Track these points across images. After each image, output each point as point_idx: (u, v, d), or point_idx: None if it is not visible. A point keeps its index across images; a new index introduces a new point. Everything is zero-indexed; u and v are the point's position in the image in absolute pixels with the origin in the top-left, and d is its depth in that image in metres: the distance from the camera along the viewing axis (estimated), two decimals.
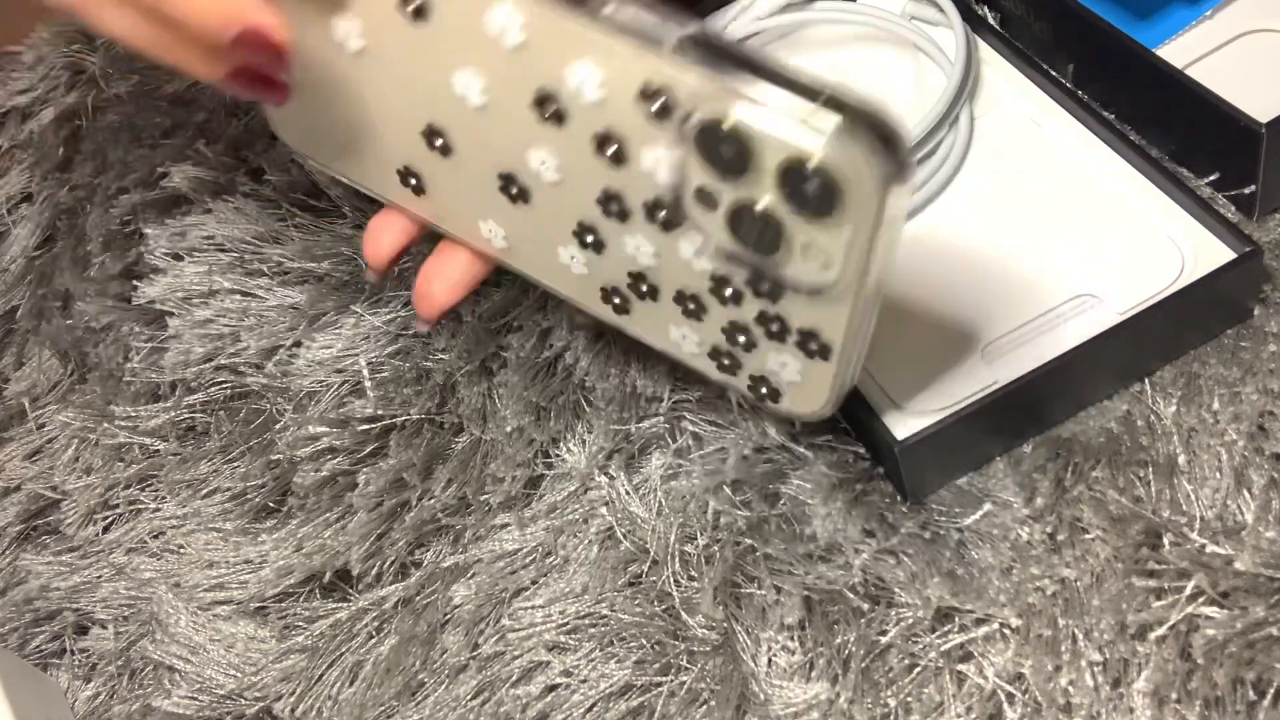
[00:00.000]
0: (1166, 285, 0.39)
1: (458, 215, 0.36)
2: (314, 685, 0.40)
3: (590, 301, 0.35)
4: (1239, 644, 0.33)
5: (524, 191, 0.34)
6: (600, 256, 0.34)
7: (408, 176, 0.35)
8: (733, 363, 0.34)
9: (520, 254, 0.35)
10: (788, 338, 0.32)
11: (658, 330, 0.34)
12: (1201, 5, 0.45)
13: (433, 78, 0.33)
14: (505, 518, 0.42)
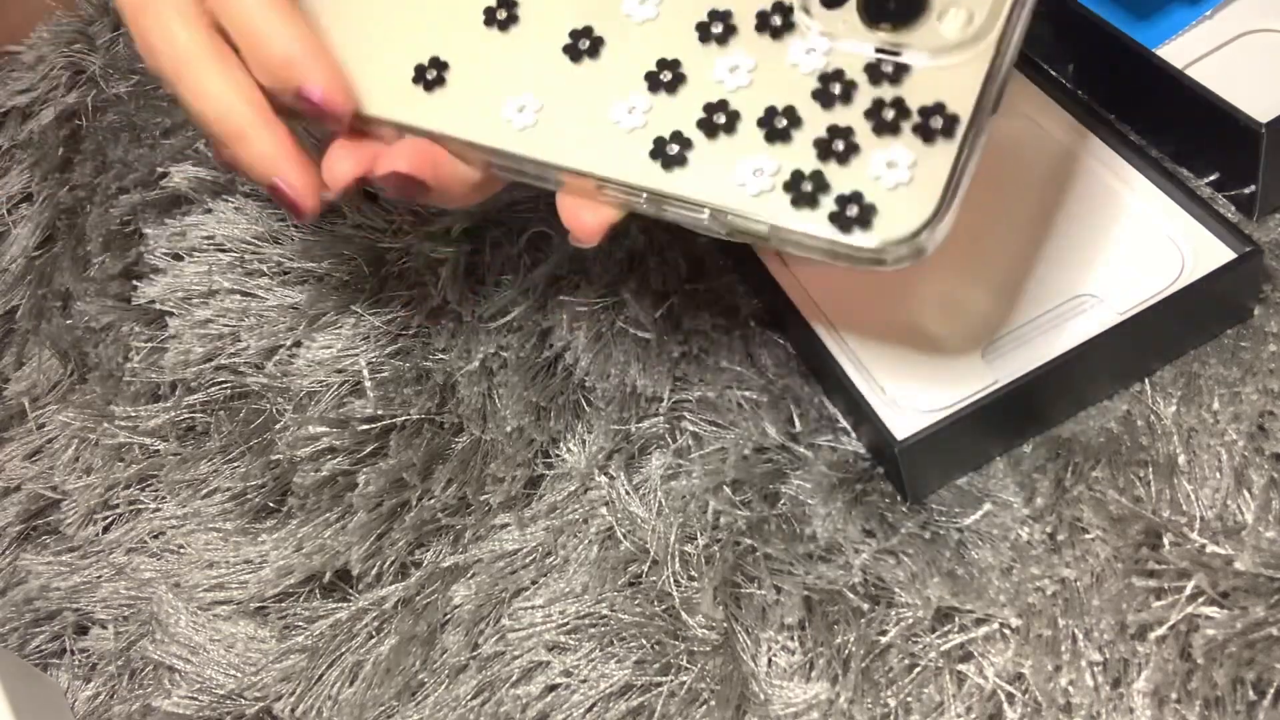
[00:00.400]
0: (1166, 285, 0.39)
1: (474, 103, 0.34)
2: (314, 685, 0.40)
3: (626, 167, 0.32)
4: (1239, 644, 0.33)
5: (596, 44, 0.34)
6: (673, 96, 0.33)
7: (428, 69, 0.35)
8: (817, 187, 0.30)
9: (546, 130, 0.33)
10: (903, 124, 0.30)
11: (718, 176, 0.31)
12: (1201, 5, 0.45)
13: None
14: (505, 518, 0.42)
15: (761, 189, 0.31)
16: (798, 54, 0.31)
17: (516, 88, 0.34)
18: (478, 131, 0.34)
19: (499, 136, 0.34)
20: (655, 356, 0.43)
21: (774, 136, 0.31)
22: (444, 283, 0.47)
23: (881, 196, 0.30)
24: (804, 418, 0.41)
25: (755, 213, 0.31)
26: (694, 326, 0.43)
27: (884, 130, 0.30)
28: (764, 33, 0.32)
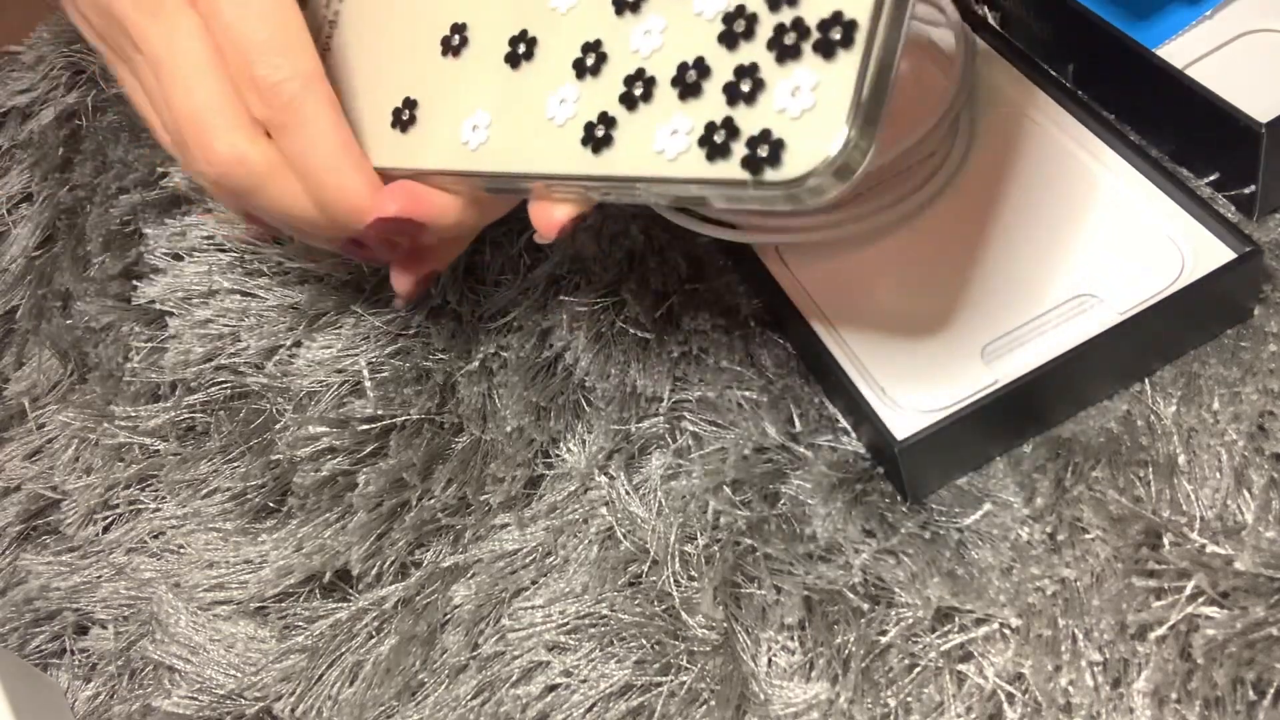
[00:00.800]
0: (1166, 285, 0.39)
1: (435, 133, 0.35)
2: (314, 685, 0.40)
3: (564, 161, 0.32)
4: (1239, 644, 0.33)
5: (532, 45, 0.34)
6: (597, 78, 0.32)
7: (403, 112, 0.36)
8: (730, 133, 0.29)
9: (498, 143, 0.34)
10: (804, 45, 0.28)
11: (642, 147, 0.31)
12: (1201, 5, 0.45)
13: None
14: (505, 518, 0.42)
15: (679, 150, 0.30)
16: (700, 3, 0.30)
17: (470, 108, 0.35)
18: (444, 159, 0.35)
19: (461, 159, 0.35)
20: (655, 356, 0.43)
21: (687, 93, 0.30)
22: (444, 283, 0.47)
23: (788, 128, 0.28)
24: (804, 418, 0.41)
25: (678, 174, 0.30)
26: (694, 326, 0.43)
27: (785, 57, 0.28)
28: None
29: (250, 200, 0.36)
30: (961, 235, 0.42)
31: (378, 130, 0.36)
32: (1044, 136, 0.44)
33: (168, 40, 0.35)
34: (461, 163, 0.35)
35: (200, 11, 0.35)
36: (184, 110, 0.35)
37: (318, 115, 0.35)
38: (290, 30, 0.35)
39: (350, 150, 0.36)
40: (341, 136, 0.35)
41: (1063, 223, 0.42)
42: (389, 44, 0.37)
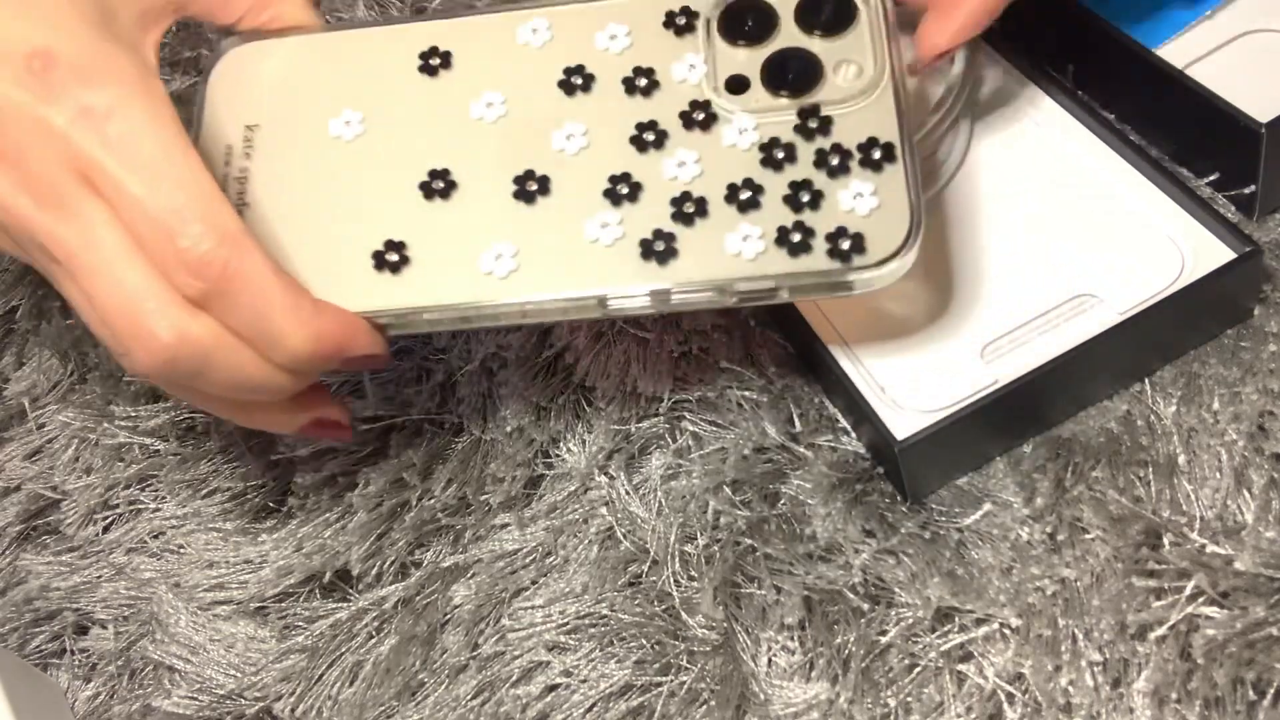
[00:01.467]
0: (1166, 285, 0.39)
1: (445, 270, 0.35)
2: (314, 685, 0.40)
3: (624, 274, 0.34)
4: (1239, 644, 0.33)
5: (544, 182, 0.35)
6: (636, 204, 0.35)
7: (387, 254, 0.35)
8: (805, 233, 0.33)
9: (532, 273, 0.35)
10: (850, 163, 0.34)
11: (712, 253, 0.34)
12: (1201, 5, 0.45)
13: (446, 117, 0.37)
14: (505, 518, 0.42)
15: (757, 251, 0.34)
16: (732, 136, 0.35)
17: (485, 241, 0.35)
18: (463, 293, 0.35)
19: (486, 291, 0.35)
20: (655, 356, 0.43)
21: (745, 206, 0.34)
22: None
23: (863, 224, 0.33)
24: (804, 418, 0.41)
25: (760, 272, 0.33)
26: (694, 326, 0.43)
27: (836, 173, 0.34)
28: (693, 129, 0.36)
29: (204, 379, 0.33)
30: (961, 235, 0.42)
31: (354, 276, 0.35)
32: (1044, 136, 0.44)
33: (79, 237, 0.32)
34: (491, 294, 0.34)
35: (106, 197, 0.32)
36: (112, 305, 0.32)
37: (259, 271, 0.32)
38: (206, 193, 0.32)
39: (303, 293, 0.33)
40: (289, 282, 0.33)
41: (1063, 223, 0.42)
42: (339, 194, 0.36)
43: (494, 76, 0.37)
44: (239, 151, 0.37)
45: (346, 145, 0.37)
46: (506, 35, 0.38)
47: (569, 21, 0.38)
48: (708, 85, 0.36)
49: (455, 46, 0.38)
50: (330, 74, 0.38)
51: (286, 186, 0.37)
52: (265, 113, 0.38)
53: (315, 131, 0.37)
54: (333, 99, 0.38)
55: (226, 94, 0.38)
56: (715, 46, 0.37)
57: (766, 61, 0.36)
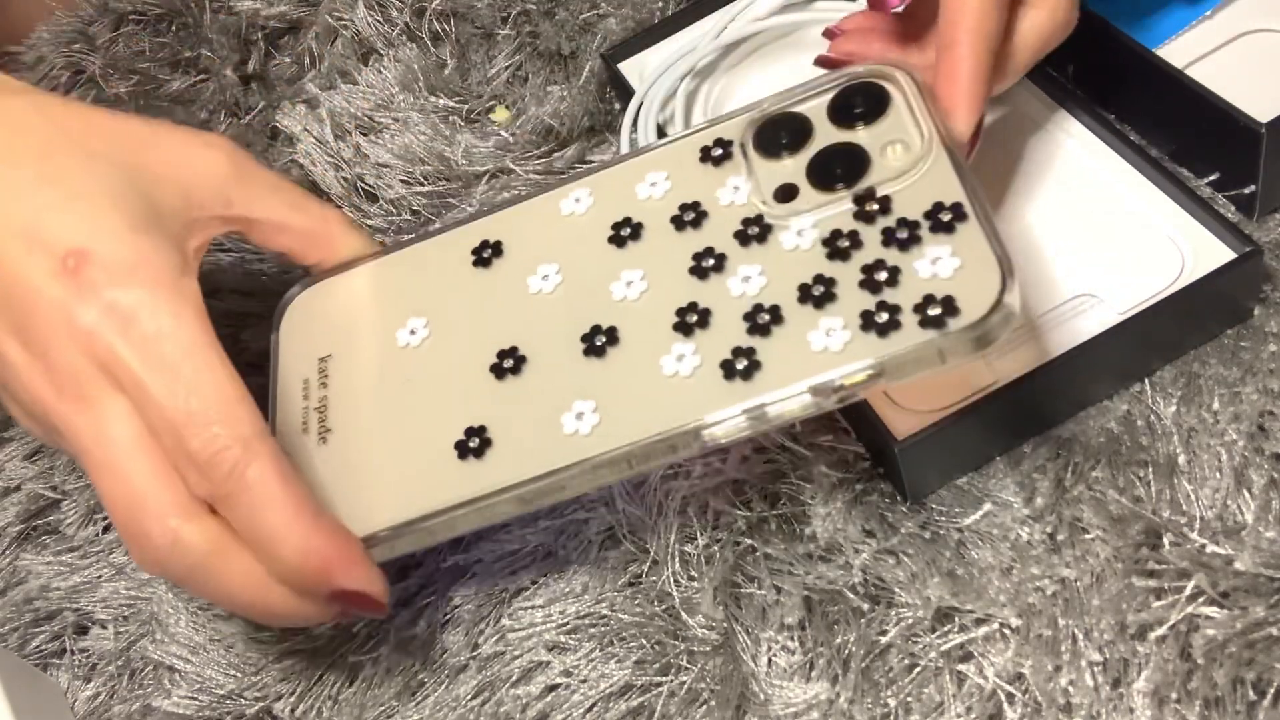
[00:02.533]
0: (1166, 285, 0.39)
1: (530, 441, 0.34)
2: (314, 685, 0.40)
3: (711, 399, 0.33)
4: (1239, 644, 0.33)
5: (611, 333, 0.35)
6: (708, 329, 0.34)
7: (469, 440, 0.35)
8: (892, 312, 0.32)
9: (617, 421, 0.34)
10: (920, 230, 0.33)
11: (798, 355, 0.33)
12: (1201, 5, 0.45)
13: (506, 299, 0.37)
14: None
15: (844, 341, 0.32)
16: (792, 240, 0.35)
17: (564, 404, 0.34)
18: (552, 459, 0.34)
19: (575, 451, 0.34)
20: None
21: (821, 301, 0.33)
22: None
23: (948, 286, 0.32)
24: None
25: (854, 362, 0.32)
26: None
27: (908, 245, 0.33)
28: (750, 244, 0.35)
29: (198, 586, 0.33)
30: None
31: (438, 471, 0.35)
32: (1044, 136, 0.44)
33: (93, 430, 0.33)
34: (581, 452, 0.33)
35: (128, 393, 0.32)
36: (116, 501, 0.33)
37: (264, 478, 0.32)
38: (225, 395, 0.32)
39: (307, 507, 0.33)
40: (295, 493, 0.33)
41: (1063, 223, 0.42)
42: (415, 399, 0.37)
43: (546, 251, 0.38)
44: (315, 384, 0.38)
45: (415, 350, 0.38)
46: (551, 211, 0.39)
47: (608, 183, 0.38)
48: (757, 200, 0.36)
49: (504, 235, 0.39)
50: (391, 291, 0.39)
51: (364, 405, 0.37)
52: (336, 342, 0.39)
53: (384, 346, 0.38)
54: (397, 313, 0.38)
55: (297, 334, 0.39)
56: (755, 165, 0.36)
57: (810, 163, 0.36)
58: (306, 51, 0.59)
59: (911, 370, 0.32)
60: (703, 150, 0.38)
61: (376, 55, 0.57)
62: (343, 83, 0.56)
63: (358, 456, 0.36)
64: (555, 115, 0.52)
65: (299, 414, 0.37)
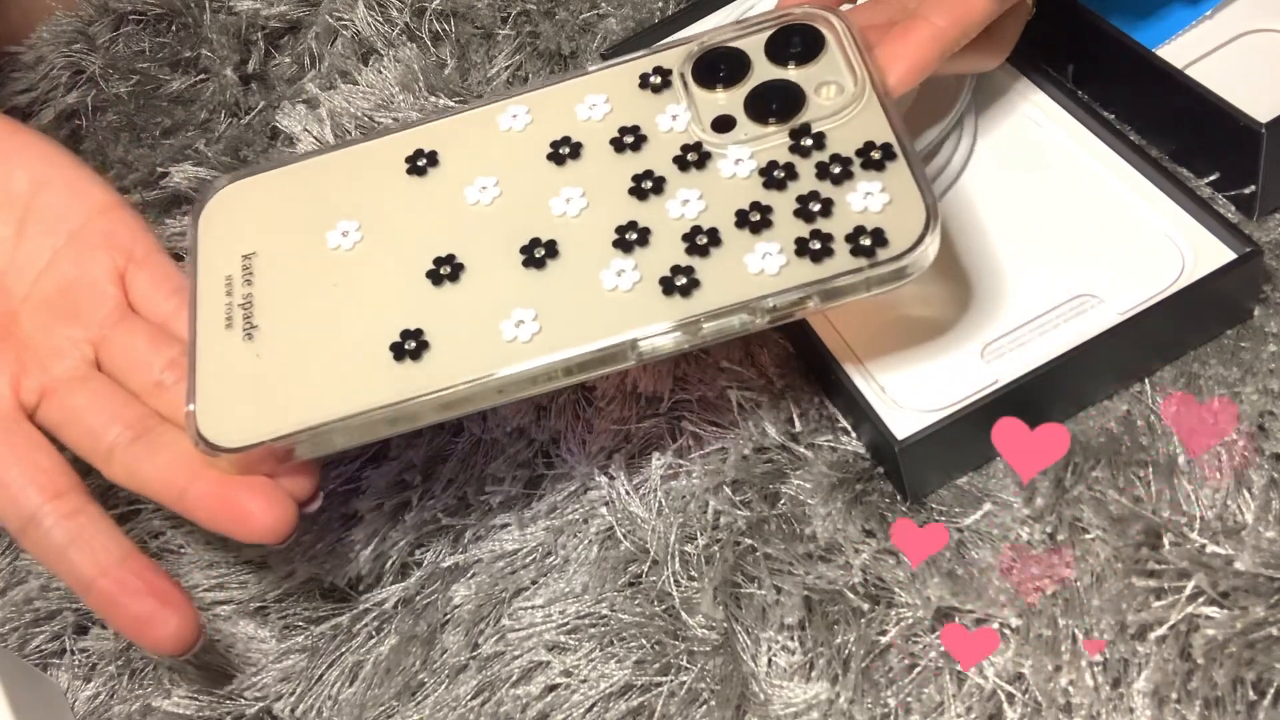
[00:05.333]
0: (1166, 285, 0.39)
1: (468, 347, 0.35)
2: (314, 685, 0.40)
3: (650, 313, 0.34)
4: (1239, 644, 0.33)
5: (551, 245, 0.36)
6: (648, 247, 0.35)
7: (405, 342, 0.35)
8: (823, 240, 0.34)
9: (557, 330, 0.34)
10: (852, 166, 0.35)
11: (735, 277, 0.34)
12: (1201, 5, 0.45)
13: (442, 209, 0.38)
14: (505, 518, 0.42)
15: (780, 265, 0.34)
16: (729, 168, 0.36)
17: (503, 311, 0.35)
18: (488, 364, 0.34)
19: (512, 357, 0.34)
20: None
21: (758, 227, 0.35)
22: None
23: (879, 219, 0.34)
24: (804, 418, 0.41)
25: (788, 285, 0.33)
26: None
27: (841, 179, 0.35)
28: (689, 169, 0.36)
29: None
30: (962, 235, 0.42)
31: (375, 372, 0.35)
32: (1044, 136, 0.44)
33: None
34: (519, 359, 0.34)
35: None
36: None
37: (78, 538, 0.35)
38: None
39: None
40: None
41: (1063, 223, 0.42)
42: (347, 301, 0.37)
43: (483, 164, 0.38)
44: (239, 280, 0.38)
45: (347, 254, 0.37)
46: (488, 126, 0.39)
47: (546, 102, 0.39)
48: (696, 128, 0.37)
49: (439, 145, 0.39)
50: (320, 193, 0.39)
51: (293, 303, 0.37)
52: (261, 240, 0.38)
53: (313, 247, 0.38)
54: (326, 214, 0.38)
55: (219, 229, 0.39)
56: (694, 95, 0.38)
57: (748, 96, 0.37)
58: (306, 51, 0.59)
59: (839, 296, 0.34)
60: (641, 77, 0.38)
61: (376, 55, 0.57)
62: (343, 83, 0.56)
63: (287, 354, 0.36)
64: None
65: (222, 309, 0.37)
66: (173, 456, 0.36)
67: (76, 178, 0.41)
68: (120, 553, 0.35)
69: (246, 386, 0.35)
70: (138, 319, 0.39)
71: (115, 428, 0.37)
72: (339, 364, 0.35)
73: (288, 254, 0.38)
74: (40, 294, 0.39)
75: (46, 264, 0.40)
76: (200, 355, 0.36)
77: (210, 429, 0.35)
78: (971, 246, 0.42)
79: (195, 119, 0.58)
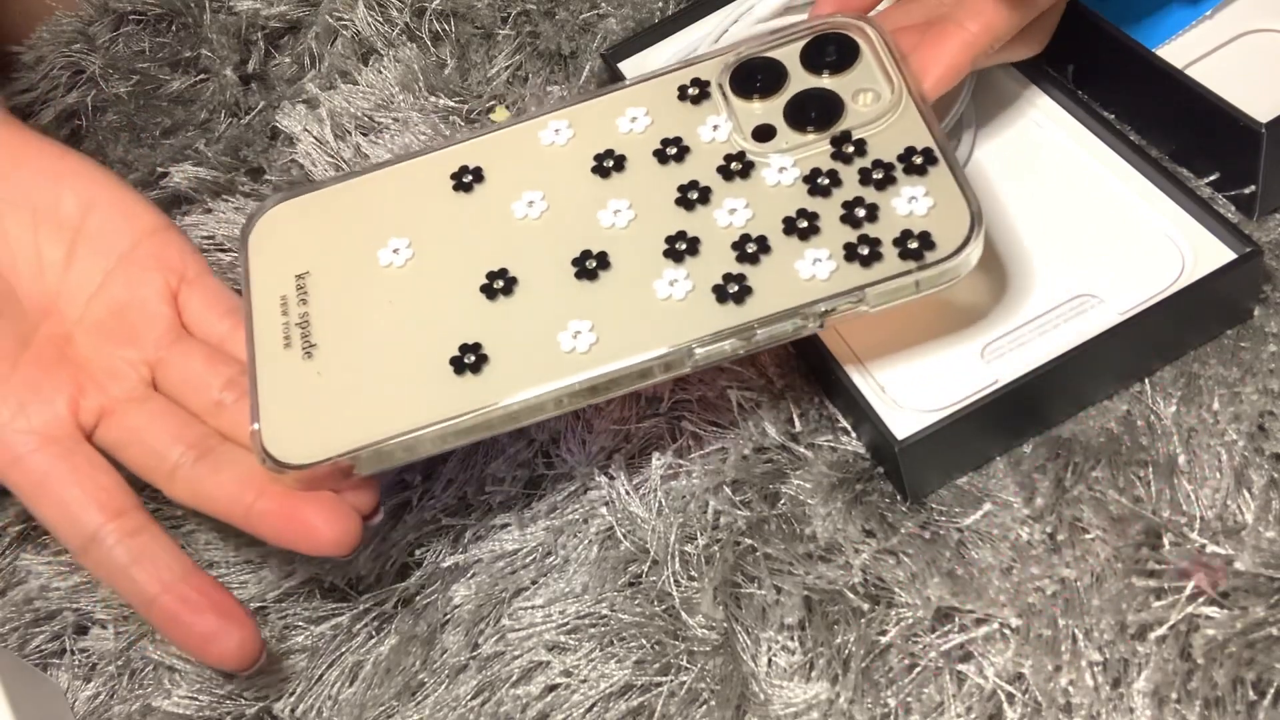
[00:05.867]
0: (1166, 285, 0.39)
1: (527, 359, 0.35)
2: (314, 685, 0.40)
3: (705, 321, 0.34)
4: (1239, 644, 0.33)
5: (602, 257, 0.36)
6: (698, 256, 0.36)
7: (464, 357, 0.35)
8: (871, 244, 0.34)
9: (614, 340, 0.35)
10: (895, 171, 0.36)
11: (787, 282, 0.35)
12: (1201, 5, 0.45)
13: (491, 224, 0.38)
14: (505, 518, 0.42)
15: (830, 270, 0.35)
16: (774, 176, 0.37)
17: (560, 323, 0.35)
18: (549, 375, 0.35)
19: (572, 367, 0.35)
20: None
21: (806, 234, 0.35)
22: None
23: (925, 223, 0.35)
24: (804, 418, 0.41)
25: (839, 288, 0.34)
26: None
27: (884, 184, 0.35)
28: (733, 179, 0.37)
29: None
30: None
31: (437, 387, 0.35)
32: (1044, 136, 0.44)
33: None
34: (578, 370, 0.34)
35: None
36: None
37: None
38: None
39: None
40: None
41: (1063, 223, 0.42)
42: (404, 316, 0.37)
43: (528, 179, 0.38)
44: (294, 300, 0.38)
45: (399, 270, 0.38)
46: (530, 141, 0.39)
47: (587, 116, 0.40)
48: (738, 138, 0.37)
49: (484, 161, 0.39)
50: (368, 211, 0.39)
51: (349, 321, 0.37)
52: (313, 259, 0.39)
53: (365, 265, 0.38)
54: (376, 232, 0.39)
55: (270, 250, 0.40)
56: (733, 105, 0.38)
57: (787, 105, 0.38)
58: (306, 51, 0.59)
59: (889, 298, 0.34)
60: (680, 89, 0.39)
61: (376, 55, 0.57)
62: (343, 83, 0.56)
63: (347, 371, 0.36)
64: None
65: (279, 329, 0.38)
66: (237, 474, 0.36)
67: (124, 200, 0.42)
68: (182, 570, 0.36)
69: (309, 404, 0.36)
70: (193, 339, 0.40)
71: (178, 447, 0.37)
72: (399, 380, 0.36)
73: (341, 272, 0.38)
74: (94, 316, 0.40)
75: (98, 286, 0.40)
76: (261, 374, 0.37)
77: (276, 447, 0.35)
78: None
79: (195, 119, 0.58)
